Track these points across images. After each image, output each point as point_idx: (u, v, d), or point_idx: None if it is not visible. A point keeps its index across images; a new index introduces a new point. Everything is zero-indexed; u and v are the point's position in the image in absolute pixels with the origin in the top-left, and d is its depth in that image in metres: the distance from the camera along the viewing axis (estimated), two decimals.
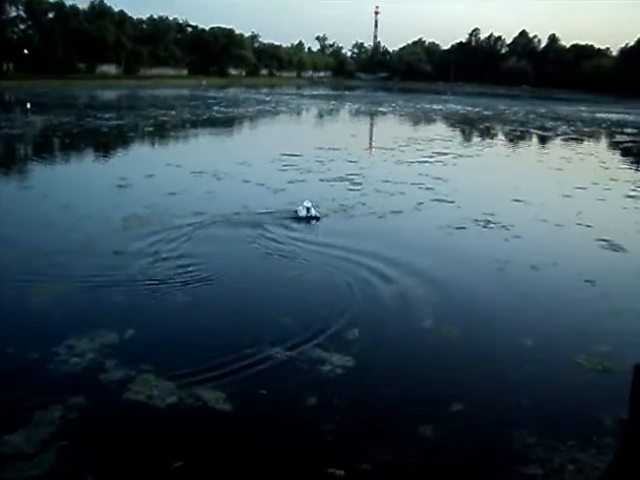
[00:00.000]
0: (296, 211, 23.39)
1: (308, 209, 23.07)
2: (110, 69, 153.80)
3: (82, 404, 10.14)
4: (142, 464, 9.03)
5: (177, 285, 15.81)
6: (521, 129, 72.09)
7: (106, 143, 47.31)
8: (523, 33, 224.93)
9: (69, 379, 10.96)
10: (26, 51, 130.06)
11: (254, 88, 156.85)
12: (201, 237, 20.45)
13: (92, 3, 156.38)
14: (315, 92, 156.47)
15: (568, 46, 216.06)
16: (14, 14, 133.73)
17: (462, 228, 22.48)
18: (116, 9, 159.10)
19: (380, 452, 9.36)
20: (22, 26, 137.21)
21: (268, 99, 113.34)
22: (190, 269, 17.18)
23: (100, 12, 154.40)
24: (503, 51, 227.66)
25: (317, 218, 23.09)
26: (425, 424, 10.02)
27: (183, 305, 14.61)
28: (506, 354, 12.99)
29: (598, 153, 52.93)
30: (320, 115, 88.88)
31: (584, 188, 32.26)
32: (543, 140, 62.86)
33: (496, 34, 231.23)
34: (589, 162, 45.34)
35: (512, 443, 9.74)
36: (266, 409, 10.42)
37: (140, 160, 35.56)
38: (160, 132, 55.69)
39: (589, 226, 23.81)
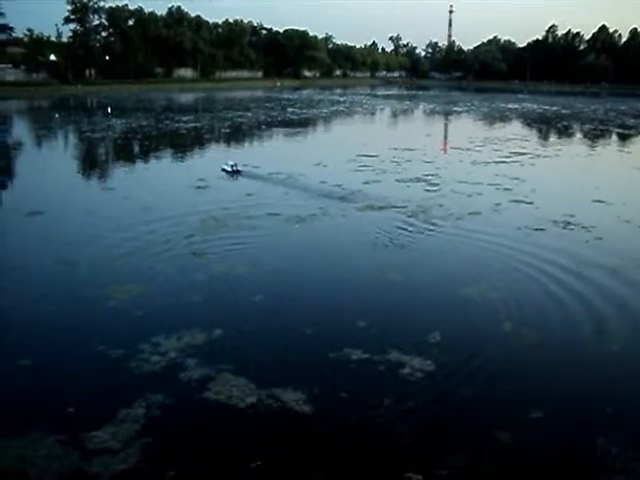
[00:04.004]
0: (223, 169, 32.15)
1: (232, 164, 32.02)
2: (187, 73, 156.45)
3: (165, 402, 10.36)
4: (221, 462, 9.16)
5: (255, 284, 16.00)
6: (601, 127, 70.14)
7: (184, 145, 48.20)
8: (603, 28, 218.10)
9: (152, 377, 11.21)
10: (107, 57, 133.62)
11: (328, 89, 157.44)
12: (278, 238, 20.63)
13: (170, 9, 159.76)
14: (389, 92, 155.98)
15: None
16: (97, 22, 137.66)
17: (541, 229, 21.99)
18: (193, 14, 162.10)
19: (457, 457, 9.24)
20: (104, 33, 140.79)
21: (342, 100, 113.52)
22: (269, 270, 17.35)
23: (178, 18, 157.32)
24: (581, 48, 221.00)
25: (239, 172, 31.85)
26: (503, 430, 9.85)
27: (261, 304, 14.76)
28: (589, 359, 12.68)
29: None
30: (394, 115, 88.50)
31: None
32: (624, 138, 60.98)
33: (574, 30, 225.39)
34: None
35: (594, 452, 9.46)
36: (346, 412, 10.38)
37: (217, 161, 35.97)
38: (236, 134, 56.42)
39: None
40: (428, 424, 10.15)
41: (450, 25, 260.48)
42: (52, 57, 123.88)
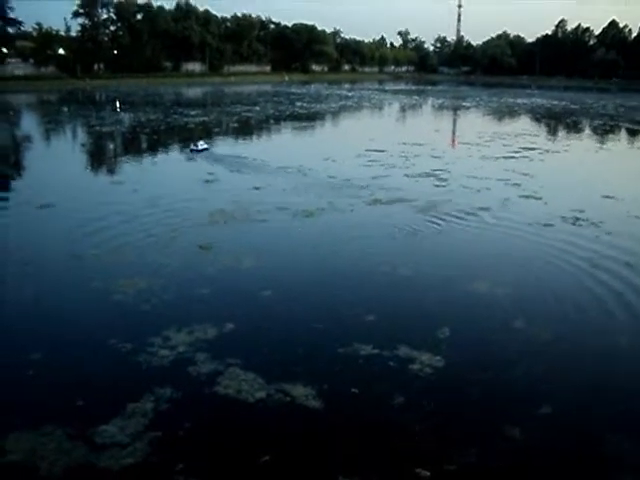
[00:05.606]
0: (192, 149, 37.63)
1: (202, 144, 38.16)
2: (195, 67, 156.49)
3: (173, 396, 10.36)
4: (230, 457, 9.15)
5: (264, 279, 15.95)
6: (610, 123, 69.76)
7: (192, 139, 48.09)
8: (613, 23, 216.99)
9: (160, 371, 11.20)
10: (116, 51, 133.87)
11: (336, 84, 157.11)
12: (287, 232, 20.63)
13: (178, 3, 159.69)
14: (397, 87, 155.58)
15: None
16: (105, 16, 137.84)
17: (550, 225, 21.85)
18: (201, 8, 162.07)
19: (466, 454, 9.19)
20: (112, 27, 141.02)
21: (350, 94, 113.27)
22: (277, 264, 17.35)
23: (186, 12, 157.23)
24: (591, 43, 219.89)
25: (207, 149, 37.97)
26: (513, 426, 9.80)
27: (270, 299, 14.73)
28: (599, 355, 12.57)
29: None
30: (403, 110, 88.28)
31: None
32: (634, 134, 60.71)
33: (584, 25, 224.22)
34: None
35: (603, 448, 9.43)
36: (355, 407, 10.37)
37: (226, 155, 36.07)
38: (244, 128, 56.42)
39: None
40: (437, 420, 10.09)
41: (459, 20, 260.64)
42: (61, 51, 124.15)
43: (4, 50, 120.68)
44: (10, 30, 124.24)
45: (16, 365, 11.45)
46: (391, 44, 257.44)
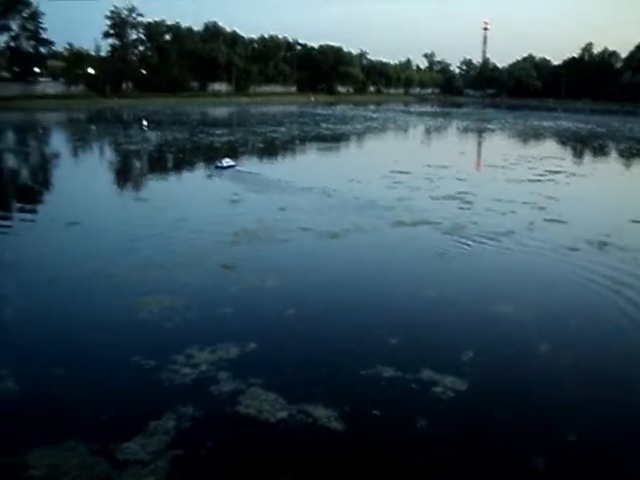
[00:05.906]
0: (217, 166, 38.81)
1: (227, 162, 39.13)
2: (221, 87, 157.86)
3: (195, 415, 10.37)
4: (251, 477, 9.13)
5: (288, 299, 16.00)
6: (637, 147, 69.31)
7: (217, 158, 48.52)
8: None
9: (182, 389, 11.23)
10: (144, 71, 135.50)
11: (362, 105, 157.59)
12: (311, 252, 20.67)
13: (206, 24, 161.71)
14: (422, 109, 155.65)
15: None
16: (134, 37, 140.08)
17: (576, 249, 21.64)
18: (229, 29, 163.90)
19: (490, 478, 9.12)
20: (141, 48, 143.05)
21: (375, 116, 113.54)
22: (301, 284, 17.38)
23: (214, 33, 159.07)
24: (618, 66, 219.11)
25: (233, 165, 39.16)
26: (538, 454, 9.68)
27: (293, 319, 14.74)
28: (625, 381, 12.43)
29: None
30: (428, 132, 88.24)
31: None
32: None
33: (611, 48, 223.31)
34: None
35: (629, 473, 9.35)
36: (377, 430, 10.31)
37: (251, 175, 36.27)
38: (270, 148, 56.70)
39: None
40: (460, 444, 10.01)
41: (485, 42, 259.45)
42: (90, 70, 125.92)
43: (36, 69, 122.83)
44: (42, 50, 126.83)
45: (41, 381, 11.55)
46: (417, 66, 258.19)
